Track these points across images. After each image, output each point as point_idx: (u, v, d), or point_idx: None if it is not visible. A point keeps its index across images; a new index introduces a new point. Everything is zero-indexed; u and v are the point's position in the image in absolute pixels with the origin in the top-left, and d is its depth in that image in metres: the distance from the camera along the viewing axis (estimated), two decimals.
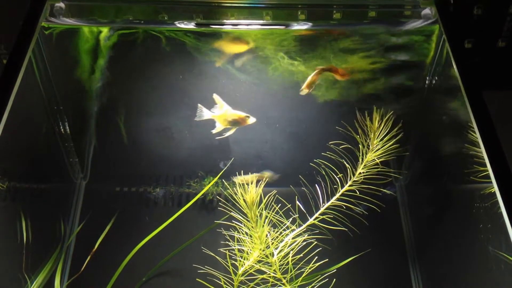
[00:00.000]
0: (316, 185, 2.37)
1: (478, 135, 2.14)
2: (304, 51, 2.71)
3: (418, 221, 3.12)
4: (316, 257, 2.32)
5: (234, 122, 2.52)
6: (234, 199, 2.31)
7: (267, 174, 2.71)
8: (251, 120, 2.55)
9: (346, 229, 2.34)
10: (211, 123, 3.16)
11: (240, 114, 2.53)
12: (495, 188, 1.99)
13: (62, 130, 2.96)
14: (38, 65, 2.58)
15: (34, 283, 2.64)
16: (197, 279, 2.38)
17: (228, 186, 2.41)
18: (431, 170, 2.97)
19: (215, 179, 2.90)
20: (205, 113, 2.56)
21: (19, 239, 2.48)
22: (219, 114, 2.52)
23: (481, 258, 2.26)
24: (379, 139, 2.40)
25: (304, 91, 2.61)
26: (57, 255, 2.88)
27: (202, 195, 3.22)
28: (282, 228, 2.33)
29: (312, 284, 2.31)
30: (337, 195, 2.38)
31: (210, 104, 2.67)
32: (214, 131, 2.50)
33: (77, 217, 3.16)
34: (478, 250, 2.29)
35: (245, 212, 2.28)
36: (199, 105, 2.53)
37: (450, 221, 2.67)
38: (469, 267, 2.44)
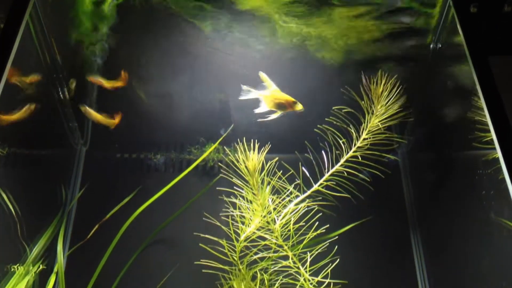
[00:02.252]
0: (322, 151, 2.36)
1: (482, 100, 2.12)
2: (307, 14, 2.66)
3: (420, 188, 3.12)
4: (317, 223, 2.32)
5: (281, 106, 2.38)
6: (236, 166, 2.30)
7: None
8: (299, 106, 2.41)
9: (349, 196, 2.34)
10: (213, 91, 3.14)
11: (289, 98, 2.39)
12: (499, 154, 1.97)
13: (61, 95, 2.93)
14: (35, 30, 2.53)
15: (35, 249, 2.65)
16: (200, 244, 2.38)
17: (230, 153, 2.39)
18: (434, 136, 2.95)
19: (215, 145, 2.88)
20: (251, 92, 2.43)
21: (18, 206, 2.48)
22: (267, 95, 2.39)
23: (483, 225, 2.26)
24: (383, 105, 2.38)
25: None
26: (58, 221, 2.89)
27: (203, 161, 3.21)
28: (286, 194, 2.32)
29: (313, 251, 2.31)
30: (341, 161, 2.37)
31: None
32: (257, 111, 2.41)
33: (78, 183, 3.16)
34: (480, 217, 2.29)
35: (247, 179, 2.27)
36: (243, 86, 2.42)
37: (452, 188, 2.66)
38: (470, 234, 2.44)
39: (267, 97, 2.34)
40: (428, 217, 2.98)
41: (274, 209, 2.30)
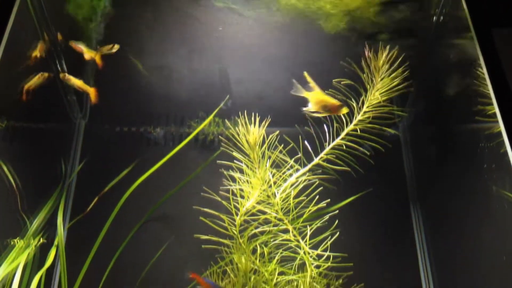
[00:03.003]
0: (323, 125, 2.35)
1: (485, 73, 2.10)
2: None
3: (421, 161, 3.11)
4: (318, 197, 2.32)
5: (326, 108, 2.34)
6: (237, 140, 2.29)
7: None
8: (344, 110, 2.36)
9: (350, 169, 2.33)
10: (213, 63, 3.11)
11: (333, 101, 2.33)
12: (501, 127, 1.96)
13: (59, 68, 2.90)
14: (32, 1, 2.49)
15: (35, 222, 2.65)
16: (200, 218, 2.38)
17: (230, 126, 2.37)
18: (436, 110, 2.93)
19: (211, 117, 2.84)
20: (299, 90, 2.38)
21: (18, 179, 2.47)
22: (312, 95, 2.34)
23: (484, 198, 2.26)
24: (383, 77, 2.35)
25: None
26: (58, 194, 2.88)
27: (203, 135, 3.20)
28: (286, 168, 2.31)
29: (313, 225, 2.31)
30: (342, 135, 2.35)
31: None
32: (305, 109, 2.38)
33: (77, 156, 3.15)
34: (481, 190, 2.28)
35: (248, 153, 2.26)
36: (293, 80, 2.39)
37: (453, 161, 2.65)
38: (471, 207, 2.44)
39: (313, 98, 2.30)
40: (429, 191, 2.98)
41: (275, 183, 2.29)
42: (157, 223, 2.96)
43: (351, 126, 2.36)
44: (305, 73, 2.28)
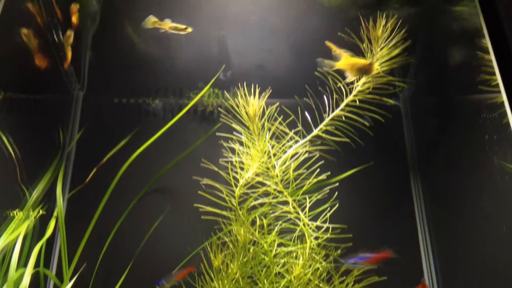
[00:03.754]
0: (323, 95, 2.32)
1: (488, 42, 2.06)
2: None
3: (421, 132, 3.09)
4: (318, 170, 2.31)
5: (360, 70, 2.29)
6: (236, 111, 2.27)
7: None
8: (375, 67, 2.31)
9: (349, 140, 2.31)
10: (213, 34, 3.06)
11: (363, 61, 2.27)
12: (504, 98, 1.94)
13: (56, 39, 2.86)
14: None
15: (34, 193, 2.65)
16: (198, 192, 2.37)
17: (230, 98, 2.35)
18: (437, 80, 2.90)
19: (207, 86, 2.81)
20: (328, 64, 2.33)
21: (16, 150, 2.45)
22: (342, 63, 2.29)
23: (485, 169, 2.24)
24: (383, 47, 2.31)
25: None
26: (57, 164, 2.87)
27: (202, 106, 3.17)
28: (286, 140, 2.29)
29: (312, 197, 2.31)
30: (342, 106, 2.33)
31: None
32: (347, 80, 2.32)
33: (76, 127, 3.13)
34: (482, 161, 2.27)
35: (247, 125, 2.24)
36: (318, 59, 2.33)
37: (454, 132, 2.63)
38: (471, 178, 2.43)
39: (345, 64, 2.25)
40: (429, 162, 2.97)
41: (274, 154, 2.28)
42: (157, 195, 2.96)
43: (350, 97, 2.33)
44: (327, 43, 2.24)
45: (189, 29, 2.53)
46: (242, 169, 2.28)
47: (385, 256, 2.28)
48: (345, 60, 2.22)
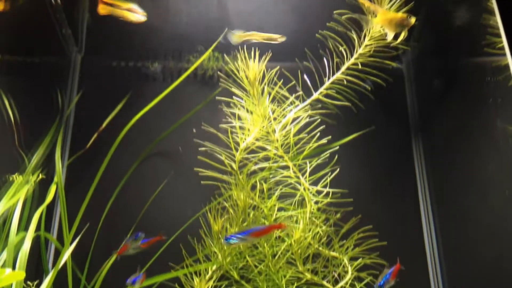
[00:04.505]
0: (324, 58, 2.28)
1: (494, 3, 2.01)
2: None
3: (424, 96, 3.05)
4: (318, 134, 2.28)
5: (398, 25, 2.21)
6: (236, 75, 2.23)
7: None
8: (413, 20, 2.22)
9: (351, 104, 2.28)
10: None
11: (399, 15, 2.18)
12: (509, 60, 1.89)
13: (53, 1, 2.81)
14: None
15: (34, 158, 2.64)
16: (198, 157, 2.36)
17: (229, 61, 2.31)
18: (441, 42, 2.84)
19: (209, 51, 2.77)
20: (368, 21, 2.25)
21: (15, 114, 2.43)
22: (380, 18, 2.21)
23: (488, 133, 2.22)
24: (386, 8, 2.24)
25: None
26: (56, 129, 2.86)
27: (202, 70, 3.13)
28: (286, 104, 2.26)
29: (313, 162, 2.29)
30: (343, 69, 2.29)
31: None
32: (388, 38, 2.26)
33: (74, 91, 3.10)
34: (485, 124, 2.24)
35: (247, 89, 2.21)
36: (358, 16, 2.26)
37: (458, 96, 2.60)
38: (474, 142, 2.41)
39: (383, 20, 2.18)
40: (431, 126, 2.94)
41: (275, 119, 2.25)
42: (157, 159, 2.95)
43: (352, 60, 2.28)
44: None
45: (283, 38, 2.40)
46: (242, 133, 2.26)
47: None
48: (382, 15, 2.16)
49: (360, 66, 2.26)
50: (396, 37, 2.27)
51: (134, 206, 2.79)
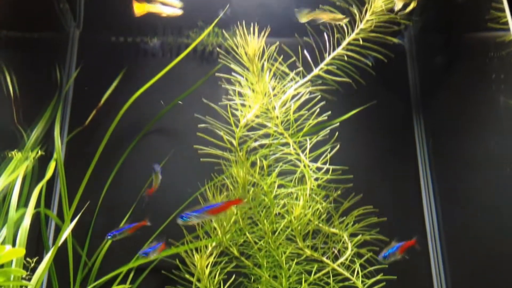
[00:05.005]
0: (324, 33, 2.25)
1: None
2: None
3: (426, 72, 3.02)
4: (318, 110, 2.26)
5: None
6: (236, 52, 2.20)
7: None
8: None
9: (351, 81, 2.25)
10: None
11: None
12: None
13: None
14: None
15: (33, 134, 2.63)
16: (197, 133, 2.34)
17: (228, 37, 2.28)
18: (444, 17, 2.81)
19: (210, 27, 2.73)
20: None
21: (12, 90, 2.42)
22: None
23: (490, 109, 2.20)
24: None
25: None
26: (55, 105, 2.84)
27: (202, 46, 3.10)
28: (287, 80, 2.24)
29: (313, 139, 2.27)
30: (343, 44, 2.25)
31: None
32: (396, 8, 2.22)
33: (73, 66, 3.07)
34: (488, 100, 2.22)
35: (247, 65, 2.18)
36: None
37: (460, 71, 2.57)
38: (476, 118, 2.39)
39: None
40: (433, 102, 2.92)
41: (275, 95, 2.23)
42: (157, 136, 2.94)
43: (353, 35, 2.25)
44: None
45: (346, 20, 2.34)
46: (242, 111, 2.24)
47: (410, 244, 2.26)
48: None
49: (361, 42, 2.23)
50: (405, 7, 2.23)
51: (135, 182, 2.79)
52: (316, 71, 2.25)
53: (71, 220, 2.38)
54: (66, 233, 2.36)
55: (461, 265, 2.59)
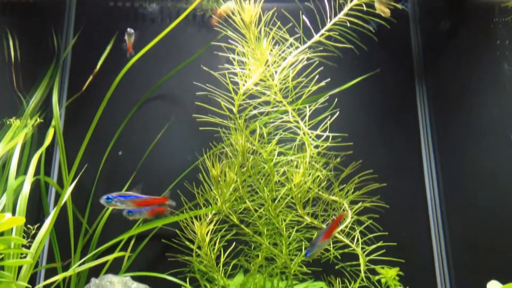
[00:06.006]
0: None
1: None
2: None
3: (429, 37, 2.97)
4: (318, 77, 2.22)
5: None
6: (232, 19, 2.16)
7: None
8: None
9: (353, 47, 2.21)
10: None
11: None
12: None
13: None
14: None
15: (31, 101, 2.61)
16: (195, 103, 2.32)
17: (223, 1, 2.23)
18: None
19: None
20: None
21: (8, 57, 2.38)
22: None
23: (494, 75, 2.17)
24: None
25: None
26: (53, 71, 2.81)
27: (202, 11, 3.04)
28: (286, 46, 2.19)
29: (311, 107, 2.24)
30: (345, 10, 2.20)
31: None
32: None
33: (71, 32, 3.03)
34: (491, 67, 2.19)
35: (243, 32, 2.14)
36: None
37: (464, 37, 2.53)
38: (479, 84, 2.36)
39: None
40: (436, 68, 2.88)
41: (274, 62, 2.19)
42: (156, 103, 2.92)
43: (355, 1, 2.20)
44: None
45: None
46: (241, 80, 2.21)
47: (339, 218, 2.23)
48: None
49: (364, 7, 2.18)
50: None
51: (134, 149, 2.78)
52: (316, 37, 2.20)
53: (71, 184, 2.38)
54: (66, 195, 2.36)
55: (460, 230, 2.60)
